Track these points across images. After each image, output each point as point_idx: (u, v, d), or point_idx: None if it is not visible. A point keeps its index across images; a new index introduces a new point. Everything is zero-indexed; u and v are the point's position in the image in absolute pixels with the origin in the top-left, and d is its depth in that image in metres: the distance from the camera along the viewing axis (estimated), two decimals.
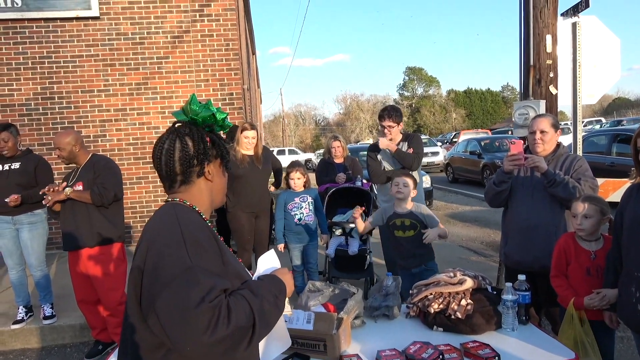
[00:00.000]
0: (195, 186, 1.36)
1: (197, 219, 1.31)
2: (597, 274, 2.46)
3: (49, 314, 4.28)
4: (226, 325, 1.11)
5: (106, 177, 3.62)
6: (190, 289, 1.12)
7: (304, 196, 4.34)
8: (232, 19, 7.11)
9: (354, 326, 2.30)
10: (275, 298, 1.30)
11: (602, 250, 2.49)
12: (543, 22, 4.27)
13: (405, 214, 3.39)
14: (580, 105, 4.42)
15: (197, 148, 1.33)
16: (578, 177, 2.88)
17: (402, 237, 3.42)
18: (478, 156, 14.34)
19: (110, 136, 7.03)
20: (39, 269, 4.26)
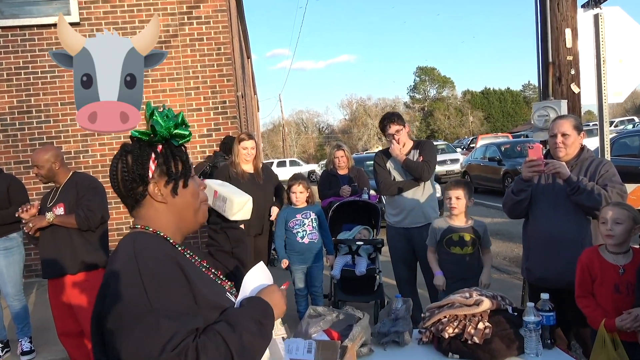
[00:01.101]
0: (149, 208, 1.36)
1: (161, 249, 1.29)
2: (627, 290, 2.44)
3: (27, 349, 4.28)
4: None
5: (91, 198, 3.62)
6: (151, 337, 1.11)
7: (306, 212, 4.33)
8: (223, 20, 7.20)
9: (361, 355, 2.29)
10: (259, 325, 1.27)
11: (631, 264, 2.47)
12: (561, 14, 4.30)
13: (466, 228, 3.43)
14: (606, 105, 4.43)
15: (135, 168, 1.32)
16: (604, 184, 2.88)
17: (459, 254, 3.42)
18: (498, 163, 14.32)
19: (93, 151, 7.09)
20: (16, 299, 4.28)
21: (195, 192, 1.42)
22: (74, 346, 3.80)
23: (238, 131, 7.43)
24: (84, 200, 3.61)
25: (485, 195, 14.34)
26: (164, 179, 1.35)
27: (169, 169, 1.35)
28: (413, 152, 4.13)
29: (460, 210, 3.42)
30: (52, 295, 3.71)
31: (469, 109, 60.92)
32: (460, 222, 3.45)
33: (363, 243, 4.67)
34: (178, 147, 1.39)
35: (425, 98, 64.33)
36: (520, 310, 2.40)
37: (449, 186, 3.51)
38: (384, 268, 4.82)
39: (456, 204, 3.39)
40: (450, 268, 3.47)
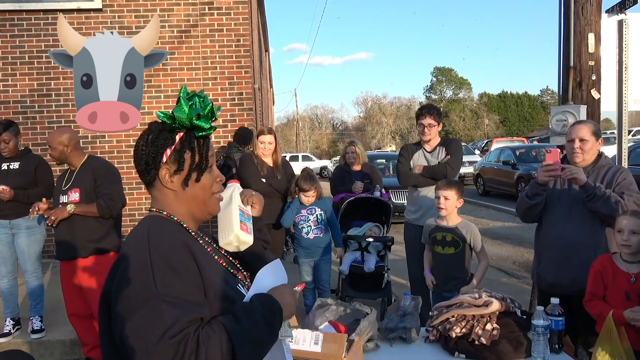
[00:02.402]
0: (158, 191, 1.36)
1: (175, 234, 1.29)
2: (638, 299, 2.42)
3: (38, 328, 4.35)
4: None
5: (111, 186, 3.66)
6: (152, 322, 1.11)
7: (312, 208, 4.38)
8: (244, 12, 7.21)
9: (367, 349, 2.30)
10: (266, 324, 1.25)
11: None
12: (585, 19, 4.25)
13: (449, 228, 3.45)
14: (626, 112, 4.38)
15: (151, 149, 1.32)
16: (621, 191, 2.84)
17: (440, 253, 3.49)
18: (512, 167, 14.20)
19: (109, 137, 7.15)
20: (34, 276, 4.36)
21: (207, 185, 1.39)
22: (84, 327, 3.85)
23: (253, 123, 7.46)
24: (102, 188, 3.63)
25: (497, 199, 14.25)
26: (175, 167, 1.34)
27: (181, 159, 1.33)
28: (439, 149, 4.15)
29: (449, 211, 3.43)
30: (64, 276, 3.76)
31: (485, 111, 60.43)
32: (448, 222, 3.47)
33: (373, 240, 4.67)
34: (199, 138, 1.36)
35: (442, 99, 63.92)
36: (529, 314, 2.39)
37: (439, 185, 3.52)
38: (393, 266, 4.81)
39: (444, 204, 3.40)
40: (435, 266, 3.59)
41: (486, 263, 3.51)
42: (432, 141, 4.18)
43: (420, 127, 4.13)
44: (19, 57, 7.01)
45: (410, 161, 4.23)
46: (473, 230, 3.47)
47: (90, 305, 3.70)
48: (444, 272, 3.51)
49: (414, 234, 4.18)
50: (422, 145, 4.22)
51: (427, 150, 4.18)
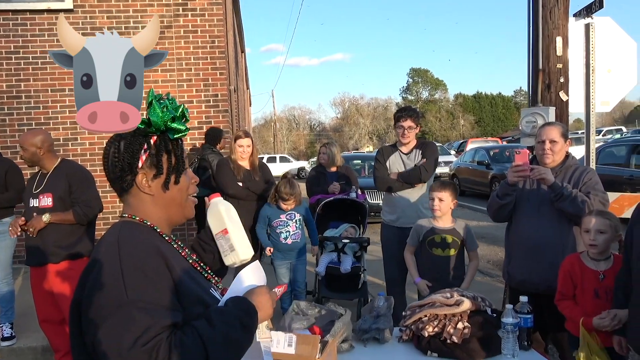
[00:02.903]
0: (135, 197, 1.35)
1: (147, 239, 1.28)
2: (607, 296, 2.50)
3: (8, 335, 4.26)
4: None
5: (86, 192, 3.60)
6: (123, 330, 1.11)
7: (291, 213, 4.36)
8: (219, 13, 7.17)
9: (341, 350, 2.32)
10: (241, 327, 1.24)
11: (611, 270, 2.53)
12: (553, 23, 4.35)
13: (447, 229, 3.41)
14: (593, 113, 4.49)
15: (125, 155, 1.31)
16: (587, 191, 2.92)
17: (440, 255, 3.40)
18: (486, 167, 14.43)
19: (82, 139, 7.03)
20: (4, 282, 4.27)
21: (184, 187, 1.40)
22: (56, 334, 3.77)
23: (229, 124, 7.42)
24: (78, 194, 3.56)
25: (472, 199, 14.44)
26: (153, 171, 1.33)
27: (159, 162, 1.33)
28: (415, 152, 4.18)
29: (443, 212, 3.39)
30: (35, 282, 3.68)
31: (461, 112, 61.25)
32: (444, 224, 3.43)
33: (349, 241, 4.70)
34: (173, 140, 1.36)
35: (418, 99, 64.53)
36: (500, 312, 2.44)
37: (433, 187, 3.49)
38: (369, 267, 4.85)
39: (439, 206, 3.36)
40: (431, 269, 3.46)
41: (477, 263, 3.50)
42: (410, 143, 4.21)
43: (400, 129, 4.15)
44: None
45: (386, 164, 4.25)
46: (468, 229, 3.45)
47: (62, 311, 3.64)
48: (440, 275, 3.40)
49: (390, 234, 4.21)
50: (399, 147, 4.26)
51: (404, 153, 4.22)
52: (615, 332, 2.40)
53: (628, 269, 2.32)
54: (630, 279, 2.31)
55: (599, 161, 7.81)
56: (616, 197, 7.20)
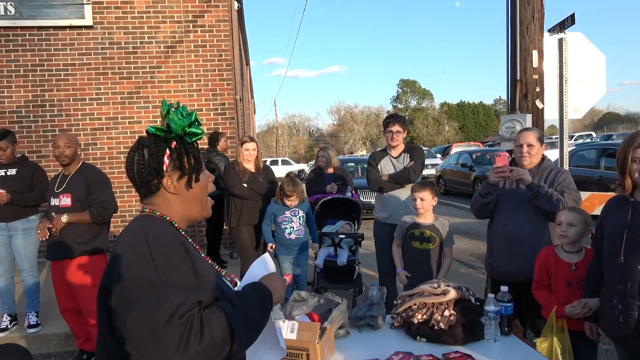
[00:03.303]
0: (160, 197, 1.35)
1: (168, 230, 1.28)
2: (578, 285, 2.50)
3: (34, 323, 4.24)
4: (198, 341, 1.09)
5: (103, 194, 3.61)
6: (159, 306, 1.10)
7: (295, 210, 4.33)
8: (226, 30, 7.16)
9: (338, 336, 2.31)
10: (259, 307, 1.28)
11: (583, 262, 2.53)
12: (529, 37, 4.36)
13: (427, 225, 3.42)
14: (566, 120, 4.50)
15: (151, 161, 1.31)
16: (562, 190, 2.93)
17: (419, 248, 3.42)
18: (469, 169, 14.45)
19: (101, 144, 7.02)
20: (30, 274, 4.25)
21: (204, 185, 1.41)
22: (75, 322, 3.77)
23: (235, 131, 7.41)
24: (96, 195, 3.58)
25: (457, 197, 14.46)
26: (177, 173, 1.34)
27: (181, 164, 1.34)
28: (404, 155, 4.19)
29: (426, 210, 3.41)
30: (55, 275, 3.68)
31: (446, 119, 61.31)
32: (425, 220, 3.44)
33: (345, 236, 4.69)
34: (191, 143, 1.38)
35: (407, 108, 64.55)
36: (482, 301, 2.44)
37: (415, 188, 3.49)
38: (363, 259, 4.84)
39: (421, 205, 3.38)
40: (410, 261, 3.50)
41: (451, 259, 3.48)
42: (398, 147, 4.22)
43: (389, 134, 4.17)
44: (15, 70, 6.82)
45: (378, 167, 4.26)
46: (447, 226, 3.45)
47: (79, 303, 3.62)
48: (418, 267, 3.42)
49: (382, 230, 4.22)
50: (389, 151, 4.26)
51: (394, 157, 4.22)
52: (587, 318, 2.40)
53: (599, 261, 2.32)
54: (601, 270, 2.31)
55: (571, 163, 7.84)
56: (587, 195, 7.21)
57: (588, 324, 2.41)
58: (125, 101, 7.02)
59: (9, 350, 1.63)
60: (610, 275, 2.22)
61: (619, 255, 2.13)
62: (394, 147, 4.20)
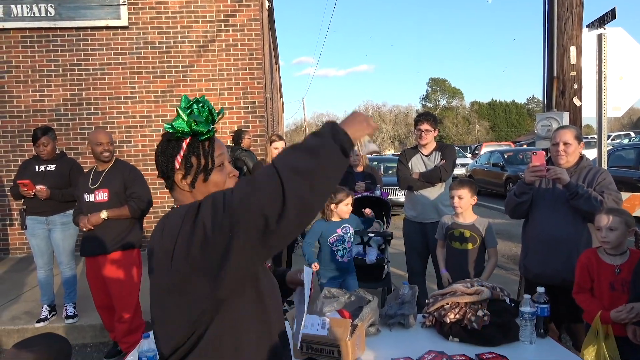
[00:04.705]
0: (179, 193, 1.36)
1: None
2: (622, 288, 2.41)
3: (72, 314, 4.38)
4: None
5: (140, 188, 3.69)
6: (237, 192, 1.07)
7: (346, 227, 3.70)
8: (257, 29, 7.23)
9: (369, 333, 2.30)
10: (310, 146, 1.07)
11: (627, 263, 2.43)
12: (567, 33, 4.23)
13: (466, 225, 3.36)
14: (605, 118, 4.35)
15: (163, 159, 1.33)
16: (601, 190, 2.83)
17: (458, 249, 3.36)
18: (501, 168, 14.14)
19: (135, 142, 7.19)
20: (68, 267, 4.39)
21: (220, 182, 1.37)
22: (109, 317, 3.84)
23: (265, 129, 7.47)
24: (133, 189, 3.65)
25: (487, 198, 14.17)
26: (186, 171, 1.33)
27: (187, 164, 1.33)
28: (435, 154, 4.14)
29: (464, 208, 3.33)
30: (90, 272, 3.74)
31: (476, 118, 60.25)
32: (464, 219, 3.37)
33: (374, 235, 4.67)
34: (203, 142, 1.35)
35: (436, 107, 63.74)
36: (517, 302, 2.38)
37: (452, 186, 3.43)
38: (392, 259, 4.80)
39: (458, 203, 3.32)
40: (451, 261, 3.43)
41: (496, 259, 3.38)
42: (429, 146, 4.17)
43: (418, 132, 4.13)
44: (54, 70, 7.06)
45: (409, 165, 4.22)
46: (489, 226, 3.36)
47: (113, 298, 3.68)
48: (458, 267, 3.35)
49: (412, 229, 4.18)
50: (420, 149, 4.22)
51: (425, 154, 4.18)
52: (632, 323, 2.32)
53: None
54: None
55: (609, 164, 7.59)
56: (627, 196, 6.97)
57: (632, 327, 2.32)
58: (159, 100, 7.17)
59: (51, 339, 1.69)
60: None
61: None
62: (424, 145, 4.16)
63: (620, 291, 2.41)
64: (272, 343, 1.30)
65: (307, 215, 1.04)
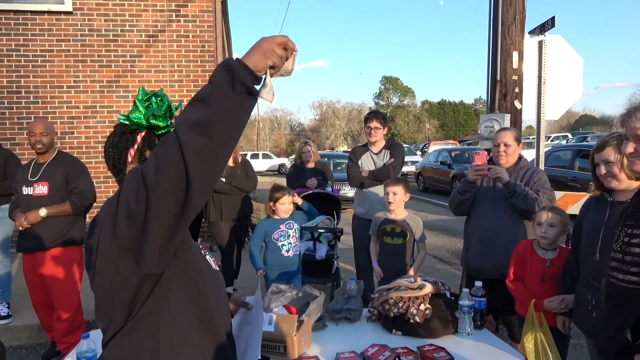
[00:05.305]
0: None
1: None
2: (552, 282, 2.56)
3: (5, 314, 4.15)
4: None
5: (83, 182, 3.51)
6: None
7: (290, 222, 3.75)
8: (209, 20, 7.09)
9: (316, 329, 2.33)
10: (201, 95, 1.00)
11: (557, 259, 2.59)
12: (510, 39, 4.42)
13: (398, 221, 3.47)
14: (543, 121, 4.58)
15: (115, 151, 1.30)
16: (537, 189, 2.99)
17: (389, 243, 3.49)
18: (448, 166, 14.62)
19: (78, 133, 6.88)
20: (2, 264, 4.16)
21: None
22: (46, 316, 3.67)
23: None
24: (75, 183, 3.47)
25: (435, 195, 14.63)
26: (137, 165, 1.29)
27: (142, 157, 1.30)
28: (384, 152, 4.24)
29: (397, 205, 3.47)
30: (27, 269, 3.57)
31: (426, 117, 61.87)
32: (396, 215, 3.50)
33: (324, 231, 4.71)
34: (159, 136, 1.32)
35: (389, 105, 64.89)
36: (457, 295, 2.48)
37: (387, 182, 3.55)
38: (342, 254, 4.87)
39: (392, 199, 3.44)
40: (383, 255, 3.58)
41: (424, 253, 3.54)
42: (378, 143, 4.26)
43: (368, 130, 4.22)
44: None
45: (359, 162, 4.29)
46: (418, 222, 3.52)
47: (52, 296, 3.51)
48: (391, 262, 3.49)
49: (361, 225, 4.26)
50: (369, 147, 4.29)
51: (374, 152, 4.26)
52: (560, 313, 2.47)
53: (575, 258, 2.39)
54: (577, 266, 2.37)
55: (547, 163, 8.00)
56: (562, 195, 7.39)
57: (561, 319, 2.47)
58: (104, 90, 6.89)
59: None
60: (585, 272, 2.28)
61: (595, 253, 2.19)
62: (374, 143, 4.24)
63: (550, 284, 2.56)
64: (213, 334, 1.25)
65: (213, 167, 1.00)
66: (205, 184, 1.00)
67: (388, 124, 4.34)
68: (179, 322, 1.18)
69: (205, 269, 1.29)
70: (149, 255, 1.06)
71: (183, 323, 1.18)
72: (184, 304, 1.19)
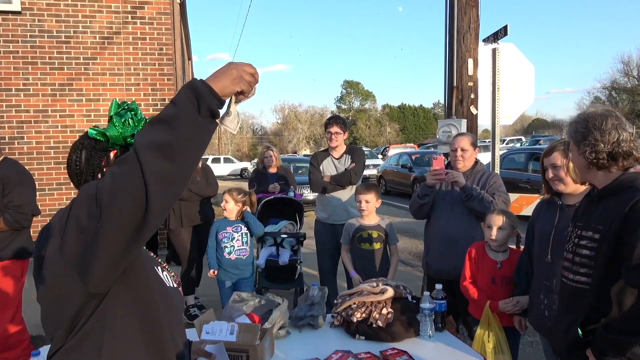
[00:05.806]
0: None
1: None
2: (502, 283, 2.65)
3: None
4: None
5: (20, 196, 3.15)
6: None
7: (238, 225, 3.88)
8: (167, 23, 6.95)
9: (279, 336, 2.32)
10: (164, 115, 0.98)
11: (507, 261, 2.68)
12: (466, 46, 4.56)
13: (372, 226, 3.48)
14: (498, 126, 4.74)
15: (87, 167, 1.24)
16: (493, 192, 3.10)
17: (368, 249, 3.47)
18: (409, 170, 14.89)
19: (28, 138, 6.58)
20: None
21: None
22: None
23: None
24: (11, 197, 3.13)
25: (397, 197, 14.85)
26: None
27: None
28: (345, 157, 4.26)
29: (370, 212, 3.49)
30: None
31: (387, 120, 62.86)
32: (370, 221, 3.51)
33: (287, 236, 4.69)
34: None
35: (350, 108, 65.54)
36: (418, 299, 2.53)
37: (359, 190, 3.55)
38: (305, 259, 4.86)
39: (365, 207, 3.45)
40: (362, 263, 3.53)
41: (397, 257, 3.58)
42: (339, 148, 4.29)
43: (329, 135, 4.24)
44: None
45: (320, 168, 4.30)
46: (391, 225, 3.54)
47: None
48: (370, 267, 3.46)
49: (323, 230, 4.27)
50: (330, 152, 4.32)
51: (335, 157, 4.29)
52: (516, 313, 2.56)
53: (529, 259, 2.48)
54: (530, 267, 2.46)
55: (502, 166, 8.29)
56: (516, 197, 7.66)
57: (518, 318, 2.56)
58: (57, 93, 6.63)
59: None
60: (538, 272, 2.38)
61: (547, 255, 2.28)
62: (334, 148, 4.27)
63: (500, 286, 2.65)
64: (162, 356, 1.19)
65: (174, 190, 0.98)
66: (165, 206, 0.98)
67: (348, 128, 4.38)
68: (124, 342, 1.12)
69: (157, 286, 1.23)
70: (96, 275, 1.01)
71: (128, 343, 1.13)
72: (130, 323, 1.13)
